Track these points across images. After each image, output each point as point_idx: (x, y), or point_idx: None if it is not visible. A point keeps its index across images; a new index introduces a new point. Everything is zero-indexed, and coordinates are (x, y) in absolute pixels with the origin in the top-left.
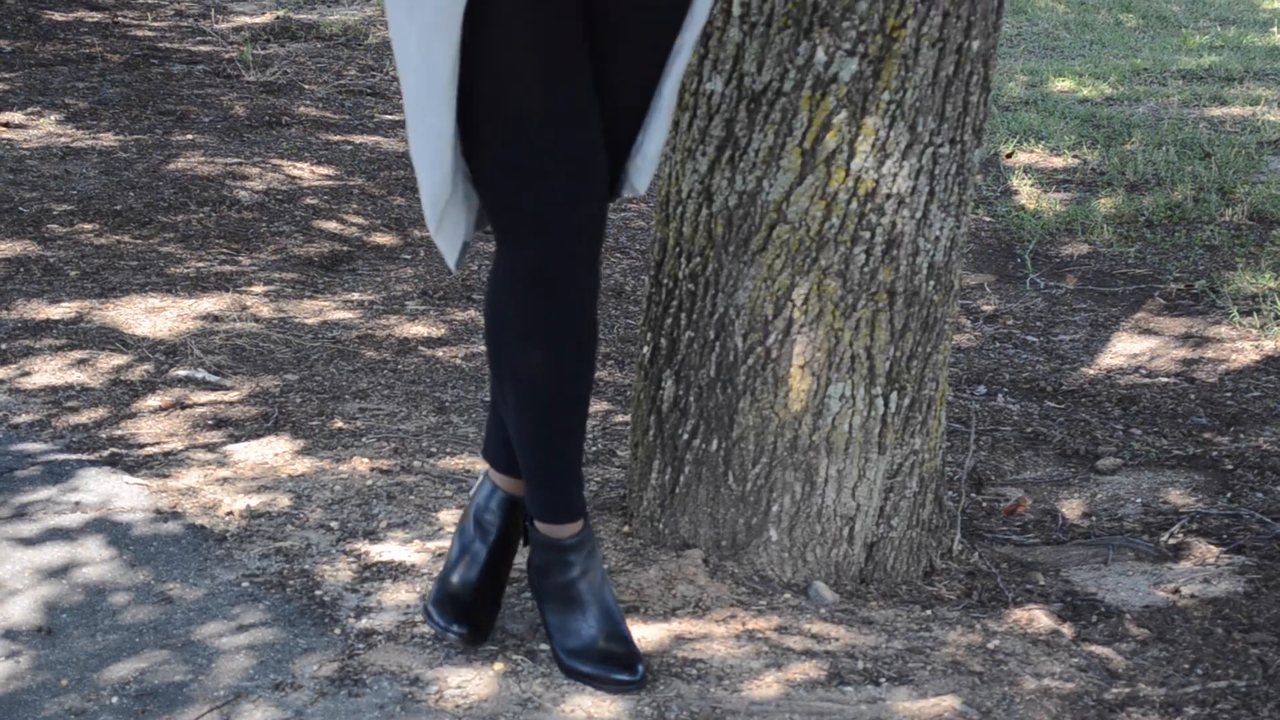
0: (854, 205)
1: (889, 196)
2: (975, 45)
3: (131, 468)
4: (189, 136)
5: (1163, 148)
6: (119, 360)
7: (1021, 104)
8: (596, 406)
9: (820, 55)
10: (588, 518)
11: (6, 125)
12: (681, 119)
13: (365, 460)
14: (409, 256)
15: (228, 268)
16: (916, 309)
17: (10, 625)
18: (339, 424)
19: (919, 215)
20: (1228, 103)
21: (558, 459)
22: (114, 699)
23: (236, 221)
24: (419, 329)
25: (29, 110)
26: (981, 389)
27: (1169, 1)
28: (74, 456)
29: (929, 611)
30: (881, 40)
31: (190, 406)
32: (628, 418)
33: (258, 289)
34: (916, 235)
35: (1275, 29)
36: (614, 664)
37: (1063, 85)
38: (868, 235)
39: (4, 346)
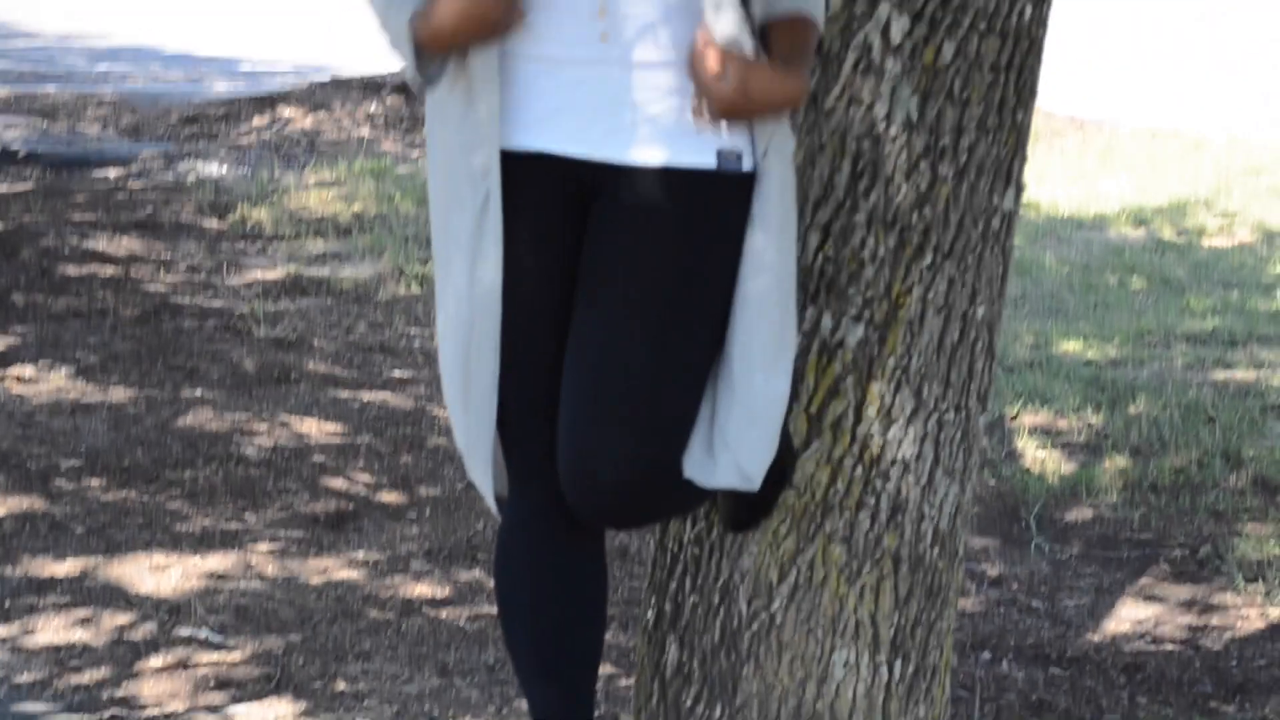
0: (859, 471)
1: (894, 462)
2: (980, 311)
3: None
4: (198, 392)
5: (1167, 411)
6: (122, 619)
7: (1026, 365)
8: (599, 670)
9: (827, 321)
10: None
11: (18, 379)
12: None
13: None
14: (414, 515)
15: (234, 525)
16: (921, 575)
17: None
18: (341, 685)
19: (924, 481)
20: (1232, 366)
21: (574, 709)
22: None
23: (243, 478)
24: (423, 589)
25: (40, 363)
26: (986, 655)
27: (1174, 264)
28: (76, 717)
29: None
30: (887, 307)
31: (193, 666)
32: (631, 682)
33: (263, 547)
34: (921, 501)
35: (1279, 293)
36: None
37: (1068, 347)
38: (873, 501)
39: (8, 604)
